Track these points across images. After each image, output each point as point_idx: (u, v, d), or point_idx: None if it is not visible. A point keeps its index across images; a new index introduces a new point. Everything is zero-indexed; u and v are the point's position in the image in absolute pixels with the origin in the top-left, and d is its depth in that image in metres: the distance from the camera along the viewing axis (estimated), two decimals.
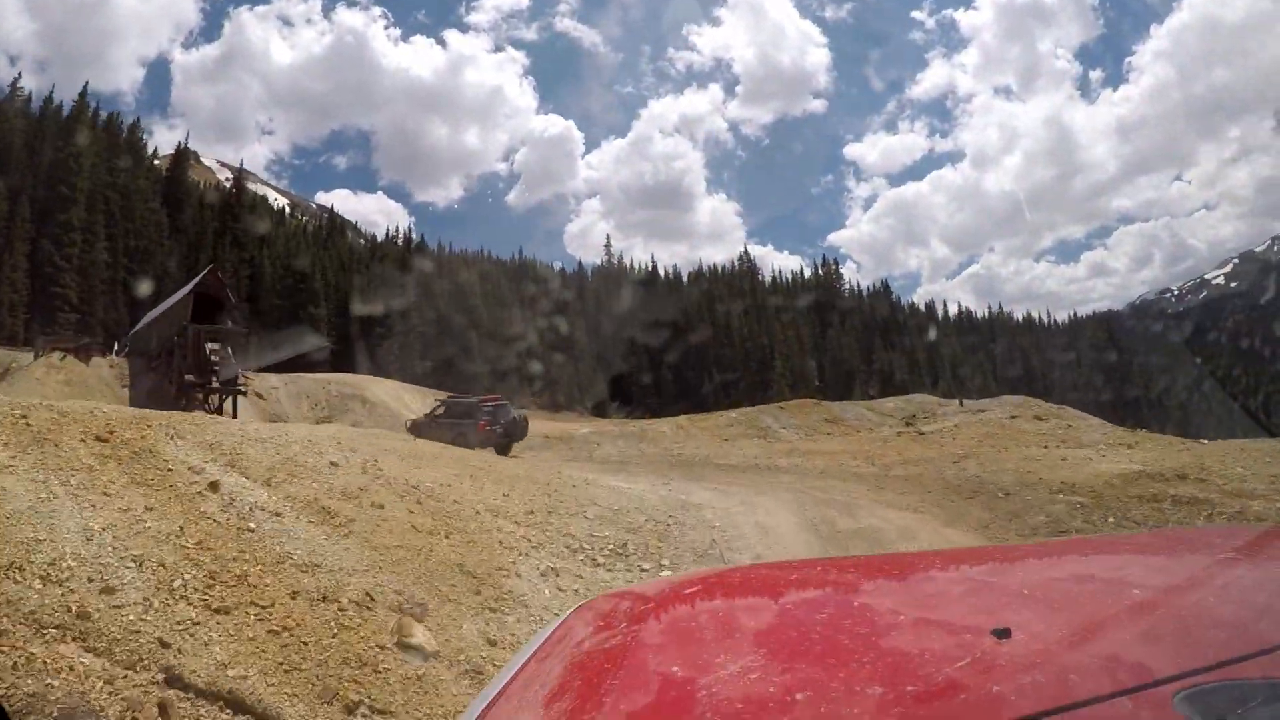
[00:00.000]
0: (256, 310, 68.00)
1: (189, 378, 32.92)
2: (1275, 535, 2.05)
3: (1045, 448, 21.15)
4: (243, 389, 35.79)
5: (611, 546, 9.50)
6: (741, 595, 1.73)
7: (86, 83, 70.37)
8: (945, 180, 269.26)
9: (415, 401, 46.59)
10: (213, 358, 33.39)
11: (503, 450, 25.78)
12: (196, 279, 36.93)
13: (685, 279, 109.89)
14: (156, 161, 79.69)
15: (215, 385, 33.79)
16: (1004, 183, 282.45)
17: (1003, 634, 1.14)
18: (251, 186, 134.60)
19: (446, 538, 7.81)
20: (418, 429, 28.68)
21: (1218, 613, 1.32)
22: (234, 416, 33.06)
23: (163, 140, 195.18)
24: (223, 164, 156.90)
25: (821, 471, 20.08)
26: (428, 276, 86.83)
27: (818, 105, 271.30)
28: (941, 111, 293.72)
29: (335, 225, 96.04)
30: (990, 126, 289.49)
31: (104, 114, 73.67)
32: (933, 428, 29.07)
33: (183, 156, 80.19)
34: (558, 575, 7.97)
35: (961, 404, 41.21)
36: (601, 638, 1.46)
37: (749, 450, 28.48)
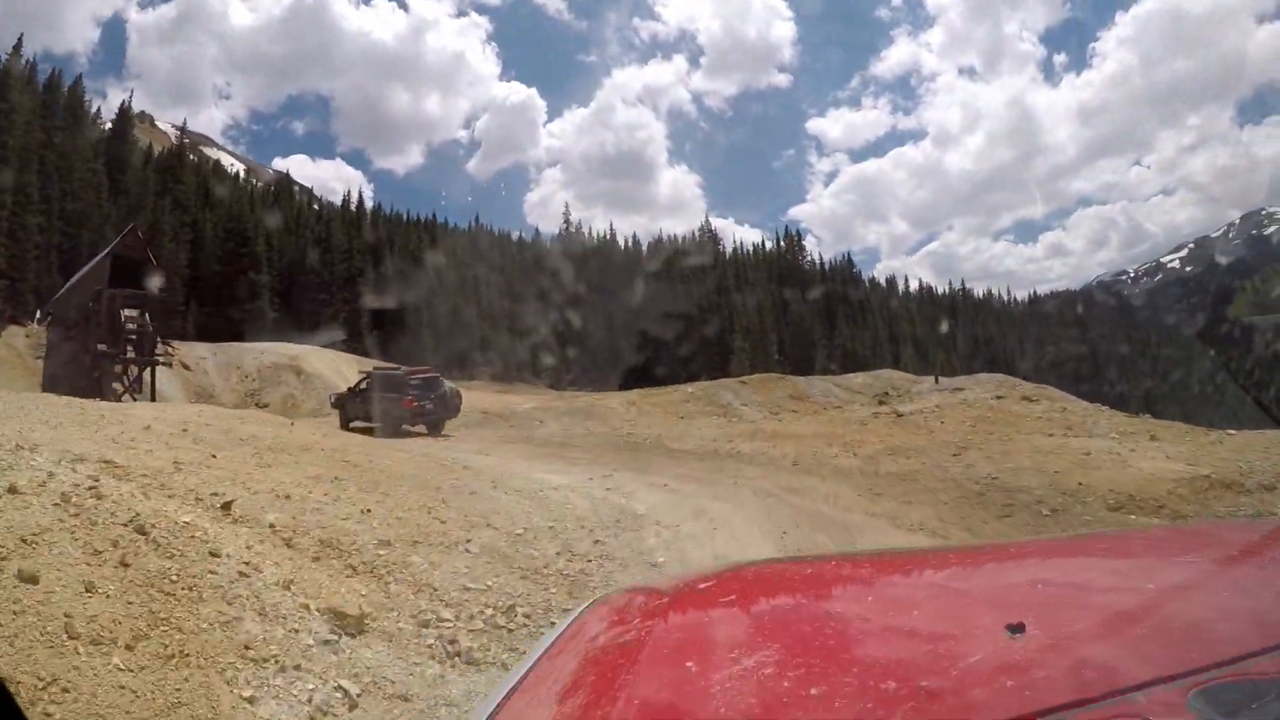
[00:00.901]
0: (196, 275, 64.96)
1: (101, 348, 30.99)
2: None
3: (1052, 435, 17.94)
4: (163, 360, 33.44)
5: (490, 611, 5.92)
6: (756, 591, 1.68)
7: (21, 35, 64.51)
8: (907, 158, 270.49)
9: (352, 371, 43.01)
10: (129, 325, 31.59)
11: (434, 429, 24.07)
12: (116, 241, 34.90)
13: (645, 248, 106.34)
14: (107, 124, 74.26)
15: (131, 356, 31.81)
16: (965, 162, 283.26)
17: (1016, 630, 1.14)
18: (207, 151, 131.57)
19: (128, 650, 3.80)
20: (342, 405, 26.45)
21: (1231, 609, 1.31)
22: (151, 391, 31.71)
23: (117, 103, 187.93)
24: (177, 128, 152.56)
25: (794, 463, 16.71)
26: (379, 243, 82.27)
27: (782, 79, 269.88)
28: (905, 89, 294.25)
29: (284, 189, 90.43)
30: (953, 106, 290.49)
31: (62, 77, 68.45)
32: (911, 408, 25.83)
33: (127, 115, 74.41)
34: (352, 706, 4.31)
35: (937, 381, 38.30)
36: (616, 633, 1.44)
37: (707, 431, 25.12)
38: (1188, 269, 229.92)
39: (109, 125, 72.53)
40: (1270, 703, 0.93)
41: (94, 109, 73.35)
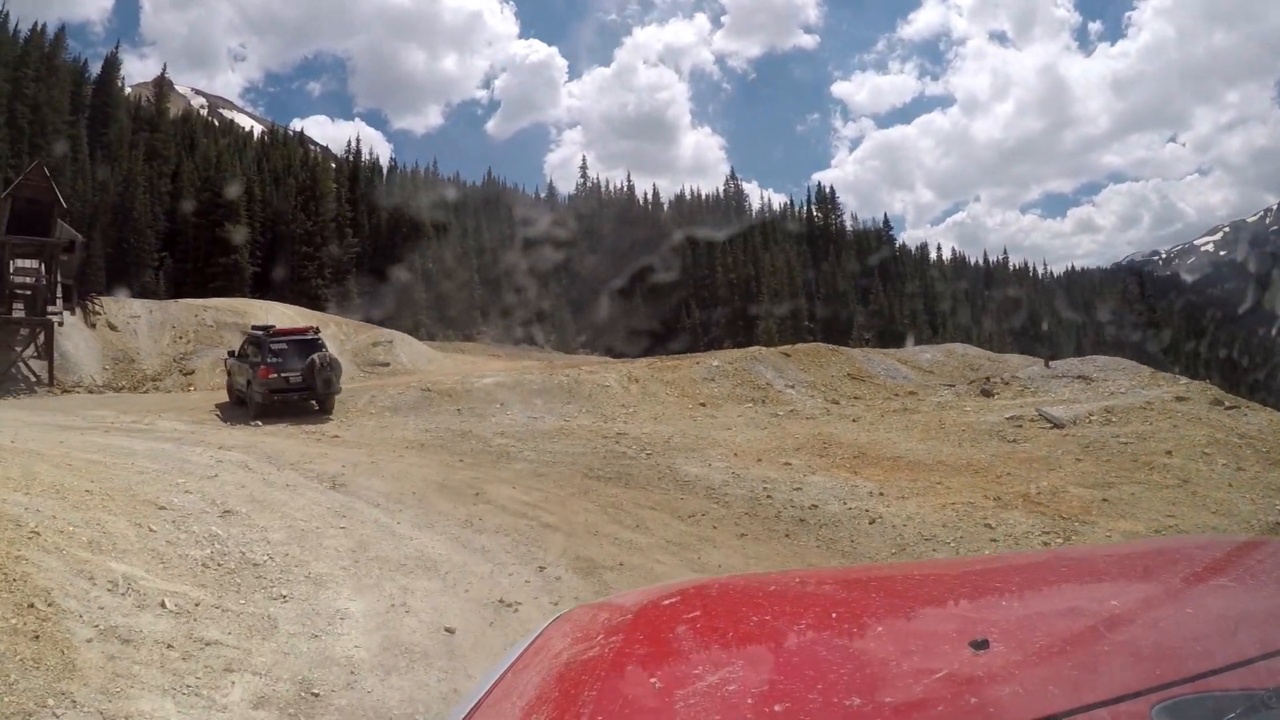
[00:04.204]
0: (174, 229, 57.12)
1: None
2: (1252, 548, 1.92)
3: None
4: (58, 320, 26.71)
5: None
6: (720, 607, 1.62)
7: None
8: (934, 125, 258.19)
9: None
10: (18, 279, 26.56)
11: (323, 405, 18.55)
12: (16, 180, 29.27)
13: (666, 206, 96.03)
14: (127, 89, 67.52)
15: (20, 315, 26.18)
16: (993, 131, 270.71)
17: (980, 646, 1.13)
18: (225, 113, 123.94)
19: None
20: (229, 374, 21.23)
21: (1195, 625, 1.31)
22: (49, 358, 26.09)
23: (135, 70, 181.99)
24: (197, 91, 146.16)
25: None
26: (373, 196, 72.69)
27: (807, 40, 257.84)
28: (933, 53, 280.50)
29: (275, 140, 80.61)
30: (983, 72, 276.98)
31: (44, 33, 60.78)
32: (1061, 413, 16.11)
33: (112, 66, 65.36)
34: None
35: (1048, 365, 28.30)
36: (579, 649, 1.39)
37: (744, 435, 15.67)
38: (1222, 253, 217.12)
39: (94, 80, 64.02)
40: (1233, 719, 0.92)
41: (80, 60, 65.29)
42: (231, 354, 20.98)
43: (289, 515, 8.56)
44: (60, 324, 26.53)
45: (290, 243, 61.35)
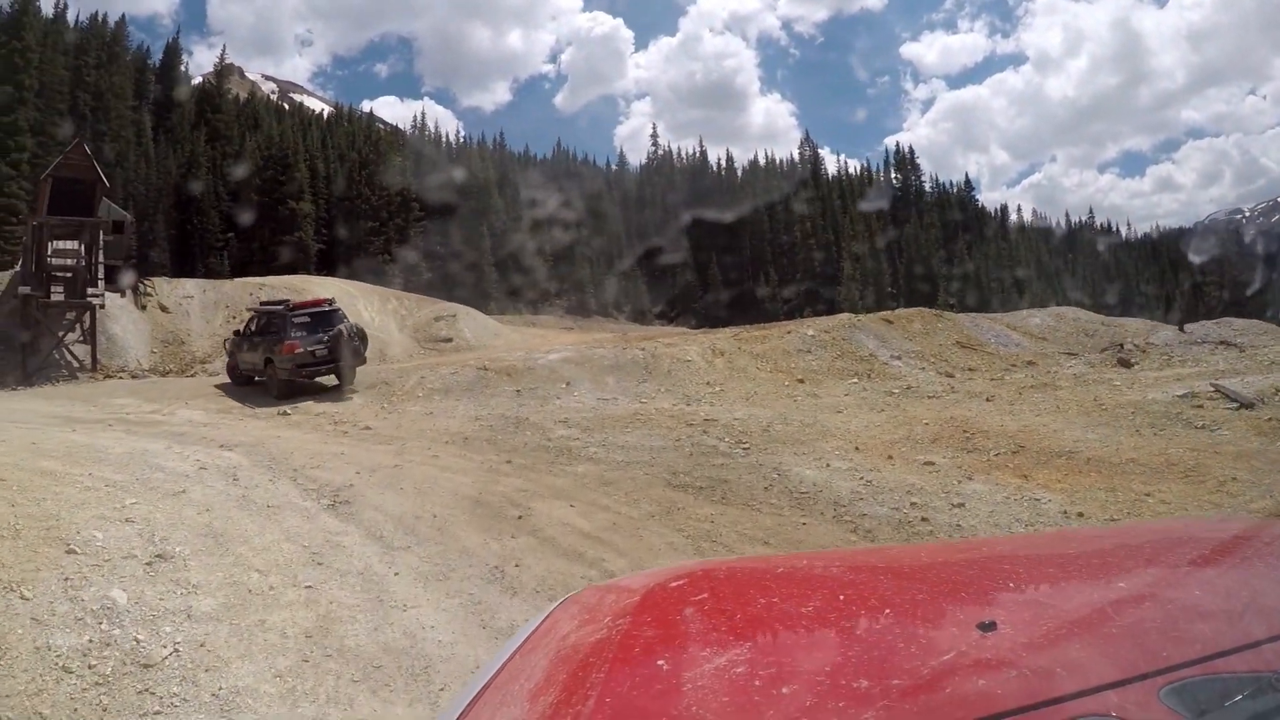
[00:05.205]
0: (236, 207, 55.32)
1: (24, 290, 24.93)
2: (1261, 528, 1.84)
3: None
4: (98, 299, 25.23)
5: None
6: (727, 589, 1.54)
7: None
8: (1006, 84, 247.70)
9: (372, 308, 31.75)
10: (56, 261, 25.01)
11: (343, 378, 17.26)
12: (57, 160, 28.43)
13: (740, 174, 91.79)
14: (196, 78, 66.65)
15: (60, 299, 24.57)
16: (1067, 89, 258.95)
17: (988, 627, 1.10)
18: (296, 97, 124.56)
19: None
20: (232, 355, 19.67)
21: (1203, 606, 1.28)
22: (92, 342, 24.66)
23: (204, 60, 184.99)
24: (267, 77, 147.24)
25: None
26: (442, 169, 70.61)
27: (873, 1, 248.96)
28: (1003, 10, 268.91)
29: (340, 118, 79.05)
30: (1054, 28, 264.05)
31: (106, 21, 60.22)
32: (1242, 388, 12.72)
33: (174, 53, 64.93)
34: None
35: (1183, 329, 24.45)
36: (587, 631, 1.36)
37: (859, 419, 12.68)
38: None
39: (157, 67, 63.43)
40: (1241, 701, 0.91)
41: (139, 45, 64.97)
42: (237, 332, 19.75)
43: (243, 562, 5.90)
44: (101, 306, 25.00)
45: (354, 219, 59.67)
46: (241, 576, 5.62)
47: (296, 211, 55.90)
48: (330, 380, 17.46)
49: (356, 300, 32.36)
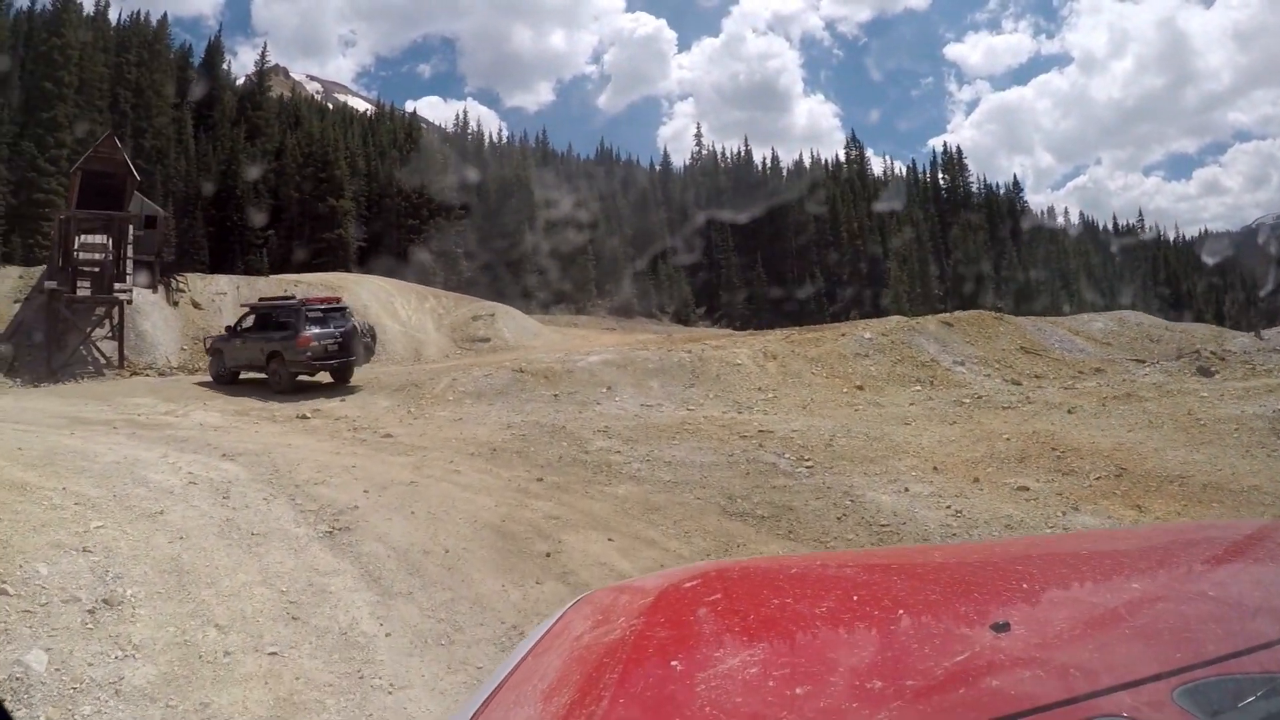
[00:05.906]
0: (277, 203, 55.76)
1: (50, 285, 24.15)
2: (1273, 529, 1.78)
3: None
4: (126, 295, 24.35)
5: None
6: (741, 590, 1.53)
7: None
8: (1051, 85, 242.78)
9: (409, 307, 30.85)
10: (83, 255, 24.44)
11: (344, 376, 17.48)
12: (86, 153, 28.16)
13: (785, 174, 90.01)
14: (239, 79, 67.06)
15: (86, 294, 23.97)
16: (1112, 90, 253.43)
17: (1001, 628, 1.10)
18: (340, 97, 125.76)
19: None
20: (219, 350, 19.21)
21: (1216, 608, 1.27)
22: (119, 338, 23.86)
23: (248, 60, 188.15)
24: (312, 77, 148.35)
25: None
26: (483, 167, 70.30)
27: (917, 2, 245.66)
28: (1048, 10, 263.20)
29: (381, 115, 78.78)
30: (1099, 28, 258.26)
31: (148, 20, 60.64)
32: None
33: (216, 51, 65.06)
34: None
35: (1260, 336, 22.73)
36: (600, 631, 1.34)
37: (931, 433, 11.36)
38: None
39: (199, 65, 63.41)
40: (1254, 702, 0.91)
41: (178, 42, 65.10)
42: (229, 328, 19.35)
43: (203, 612, 4.75)
44: (129, 302, 24.14)
45: (395, 216, 59.19)
46: (196, 634, 4.47)
47: (336, 209, 55.53)
48: (325, 378, 17.55)
49: (393, 298, 31.50)
